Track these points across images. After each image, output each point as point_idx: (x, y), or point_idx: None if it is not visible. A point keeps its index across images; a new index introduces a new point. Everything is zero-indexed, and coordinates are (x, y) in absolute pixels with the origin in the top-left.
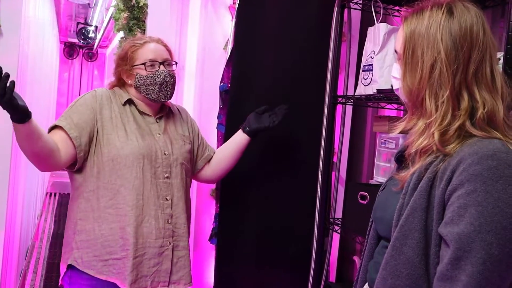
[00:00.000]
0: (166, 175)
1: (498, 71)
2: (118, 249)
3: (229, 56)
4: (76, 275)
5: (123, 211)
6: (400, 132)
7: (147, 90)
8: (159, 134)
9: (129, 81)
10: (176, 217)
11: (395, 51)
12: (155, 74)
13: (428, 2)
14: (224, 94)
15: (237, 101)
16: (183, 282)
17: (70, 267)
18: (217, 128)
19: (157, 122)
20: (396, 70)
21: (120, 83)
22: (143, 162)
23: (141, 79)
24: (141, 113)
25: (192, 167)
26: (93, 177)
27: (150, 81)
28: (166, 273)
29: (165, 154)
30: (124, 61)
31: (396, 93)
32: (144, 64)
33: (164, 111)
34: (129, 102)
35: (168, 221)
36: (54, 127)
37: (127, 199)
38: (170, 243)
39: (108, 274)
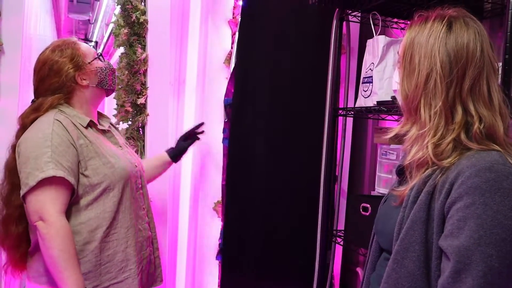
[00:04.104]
0: (140, 186)
1: (496, 90)
2: (118, 273)
3: (233, 70)
4: None
5: (120, 235)
6: (395, 137)
7: (110, 80)
8: (120, 146)
9: (86, 82)
10: (150, 222)
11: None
12: (107, 63)
13: (433, 13)
14: (229, 108)
15: (239, 115)
16: (159, 280)
17: None
18: (222, 142)
19: (113, 134)
20: (397, 74)
21: (63, 97)
22: (130, 181)
23: (103, 71)
24: (102, 131)
25: None
26: (82, 211)
27: (110, 69)
28: (152, 275)
29: (136, 166)
30: (75, 63)
31: (395, 94)
32: (97, 56)
33: (108, 120)
34: (91, 123)
35: (147, 228)
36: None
37: (122, 222)
38: (152, 248)
39: None
